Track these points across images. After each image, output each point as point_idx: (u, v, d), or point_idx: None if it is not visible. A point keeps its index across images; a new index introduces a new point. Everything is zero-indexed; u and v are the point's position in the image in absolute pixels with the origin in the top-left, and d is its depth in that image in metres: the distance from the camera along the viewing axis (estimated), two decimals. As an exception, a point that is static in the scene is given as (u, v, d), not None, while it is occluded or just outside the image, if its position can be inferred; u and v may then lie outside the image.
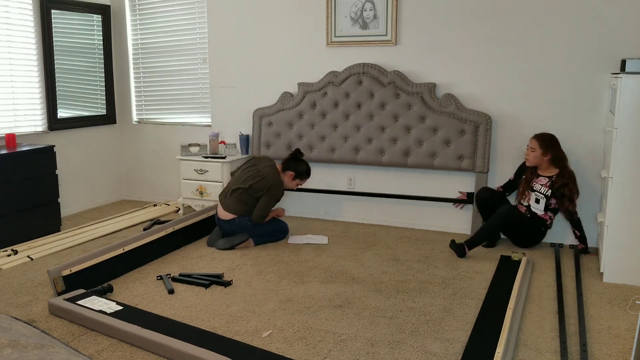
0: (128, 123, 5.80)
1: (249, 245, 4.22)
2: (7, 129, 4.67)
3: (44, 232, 4.56)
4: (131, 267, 3.74)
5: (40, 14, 4.88)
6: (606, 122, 4.00)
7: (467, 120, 4.34)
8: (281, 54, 4.98)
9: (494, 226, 3.96)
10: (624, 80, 3.30)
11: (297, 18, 4.86)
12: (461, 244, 3.94)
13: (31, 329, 1.76)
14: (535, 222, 4.00)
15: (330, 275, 3.62)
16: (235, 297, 3.27)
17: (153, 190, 5.80)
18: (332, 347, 2.67)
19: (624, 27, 3.91)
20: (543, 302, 3.19)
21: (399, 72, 4.50)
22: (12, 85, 4.71)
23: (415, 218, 4.73)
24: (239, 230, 4.21)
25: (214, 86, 5.31)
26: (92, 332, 2.84)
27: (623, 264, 3.45)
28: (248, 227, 4.21)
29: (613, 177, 3.41)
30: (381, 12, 4.56)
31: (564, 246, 4.24)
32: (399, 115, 4.53)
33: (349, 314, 3.05)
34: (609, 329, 2.86)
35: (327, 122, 4.78)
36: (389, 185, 4.77)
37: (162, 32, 5.48)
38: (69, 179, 5.26)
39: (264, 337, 2.78)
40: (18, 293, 3.38)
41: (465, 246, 3.94)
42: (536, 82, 4.21)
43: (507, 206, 3.96)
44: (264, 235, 4.26)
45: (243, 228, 4.21)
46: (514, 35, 4.21)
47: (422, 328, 2.87)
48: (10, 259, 3.94)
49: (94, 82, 5.55)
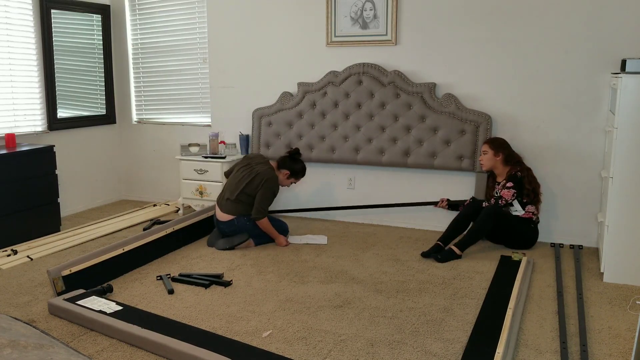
0: (128, 123, 5.80)
1: (249, 245, 4.22)
2: (7, 129, 4.67)
3: (43, 232, 4.56)
4: (131, 267, 3.74)
5: (40, 14, 4.88)
6: (606, 122, 4.00)
7: (467, 120, 4.34)
8: (281, 54, 4.98)
9: (483, 224, 3.90)
10: (624, 80, 3.30)
11: (297, 18, 4.86)
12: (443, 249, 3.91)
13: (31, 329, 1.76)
14: (522, 220, 4.01)
15: (330, 275, 3.62)
16: (235, 297, 3.27)
17: (153, 190, 5.80)
18: (332, 347, 2.67)
19: (624, 27, 3.91)
20: (543, 302, 3.19)
21: (399, 72, 4.50)
22: (12, 85, 4.71)
23: (415, 218, 4.73)
24: (239, 230, 4.21)
25: (214, 86, 5.30)
26: (92, 332, 2.84)
27: (623, 264, 3.45)
28: (248, 227, 4.21)
29: (613, 177, 3.41)
30: (381, 12, 4.56)
31: (564, 246, 4.24)
32: (399, 115, 4.53)
33: (349, 314, 3.04)
34: (609, 329, 2.86)
35: (327, 122, 4.78)
36: (389, 185, 4.76)
37: (162, 32, 5.48)
38: (68, 179, 5.26)
39: (264, 337, 2.78)
40: (18, 293, 3.38)
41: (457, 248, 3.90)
42: (536, 82, 4.21)
43: (489, 206, 3.95)
44: (263, 235, 4.25)
45: (242, 228, 4.21)
46: (514, 35, 4.21)
47: (422, 328, 2.87)
48: (10, 259, 3.94)
49: (94, 82, 5.55)
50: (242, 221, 4.19)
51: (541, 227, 4.25)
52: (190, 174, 5.06)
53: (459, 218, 4.06)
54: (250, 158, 4.36)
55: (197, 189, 5.04)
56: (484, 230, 3.94)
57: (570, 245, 4.21)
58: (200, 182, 5.02)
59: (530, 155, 4.26)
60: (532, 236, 4.08)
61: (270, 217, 4.35)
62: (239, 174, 4.25)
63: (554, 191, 4.25)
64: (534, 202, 4.01)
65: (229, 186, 4.26)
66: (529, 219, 4.02)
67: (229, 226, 4.20)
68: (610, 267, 3.48)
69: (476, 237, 3.93)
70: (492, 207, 3.92)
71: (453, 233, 4.03)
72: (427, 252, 3.95)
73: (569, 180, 4.20)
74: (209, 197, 5.00)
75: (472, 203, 4.15)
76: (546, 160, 4.23)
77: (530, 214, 4.01)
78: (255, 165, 4.24)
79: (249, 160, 4.32)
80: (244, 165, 4.28)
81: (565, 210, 4.24)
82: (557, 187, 4.23)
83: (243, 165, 4.29)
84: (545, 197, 4.25)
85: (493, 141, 4.07)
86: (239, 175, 4.23)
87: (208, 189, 5.00)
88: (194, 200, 5.09)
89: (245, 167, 4.27)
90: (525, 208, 4.00)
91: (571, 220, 4.23)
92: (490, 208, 3.92)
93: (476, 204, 4.11)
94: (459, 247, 3.90)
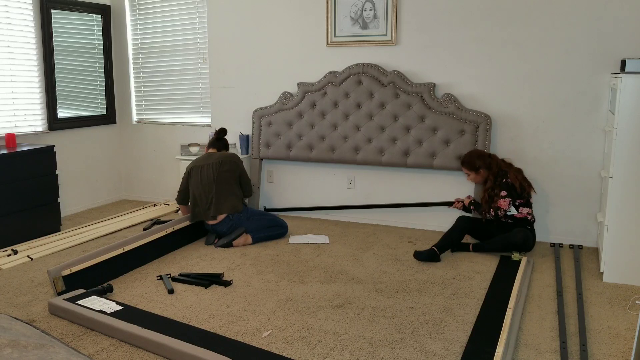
0: (128, 123, 5.80)
1: (247, 240, 4.23)
2: (7, 129, 4.67)
3: (44, 232, 4.56)
4: (131, 267, 3.74)
5: (40, 14, 4.88)
6: (606, 122, 4.00)
7: (466, 120, 4.34)
8: (281, 54, 4.98)
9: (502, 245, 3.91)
10: (624, 80, 3.30)
11: (297, 18, 4.87)
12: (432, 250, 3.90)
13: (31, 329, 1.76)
14: (517, 222, 3.96)
15: (330, 275, 3.62)
16: (235, 297, 3.27)
17: (153, 190, 5.80)
18: (332, 347, 2.67)
19: (624, 27, 3.91)
20: (543, 302, 3.19)
21: (398, 72, 4.50)
22: (12, 85, 4.71)
23: (415, 218, 4.73)
24: (236, 225, 4.23)
25: (214, 86, 5.31)
26: (92, 332, 2.84)
27: (623, 264, 3.45)
28: (243, 222, 4.24)
29: (613, 177, 3.41)
30: (381, 12, 4.56)
31: (563, 246, 4.24)
32: (398, 115, 4.54)
33: (349, 314, 3.05)
34: (609, 329, 2.86)
35: (327, 122, 4.78)
36: (388, 185, 4.77)
37: (162, 32, 5.48)
38: (69, 179, 5.26)
39: (264, 337, 2.78)
40: (18, 293, 3.38)
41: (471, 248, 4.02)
42: (536, 82, 4.21)
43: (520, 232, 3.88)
44: (260, 229, 4.27)
45: (238, 223, 4.23)
46: (514, 35, 4.21)
47: (422, 328, 2.87)
48: (10, 259, 3.94)
49: (94, 82, 5.55)
50: (236, 216, 4.23)
51: (541, 226, 4.25)
52: (190, 174, 5.06)
53: (455, 230, 4.03)
54: (194, 164, 4.33)
55: (197, 189, 5.04)
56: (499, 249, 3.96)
57: (570, 245, 4.21)
58: (200, 182, 5.02)
59: (529, 155, 4.26)
60: (529, 238, 3.97)
61: (271, 216, 4.37)
62: (203, 179, 4.23)
63: (553, 191, 4.25)
64: (526, 204, 3.97)
65: (201, 195, 4.22)
66: (524, 219, 3.96)
67: (226, 224, 4.21)
68: (610, 267, 3.49)
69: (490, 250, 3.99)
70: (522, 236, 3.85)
71: (447, 244, 3.99)
72: (422, 257, 3.90)
73: (569, 180, 4.20)
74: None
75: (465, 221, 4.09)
76: (546, 160, 4.23)
77: (525, 214, 3.96)
78: (207, 161, 4.27)
79: (196, 164, 4.31)
80: (199, 170, 4.26)
81: (565, 210, 4.24)
82: (557, 187, 4.23)
83: (197, 171, 4.27)
84: (545, 196, 4.25)
85: (465, 162, 4.07)
86: (203, 179, 4.22)
87: (208, 189, 4.99)
88: (194, 200, 5.08)
89: (202, 168, 4.25)
90: (519, 210, 3.96)
91: (571, 220, 4.24)
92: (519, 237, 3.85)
93: (472, 219, 4.10)
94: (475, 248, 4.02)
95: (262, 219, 4.34)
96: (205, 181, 4.23)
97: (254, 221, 4.27)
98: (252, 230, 4.25)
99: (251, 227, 4.25)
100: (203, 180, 4.23)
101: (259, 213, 4.40)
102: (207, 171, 4.23)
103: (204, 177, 4.23)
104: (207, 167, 4.25)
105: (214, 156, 4.31)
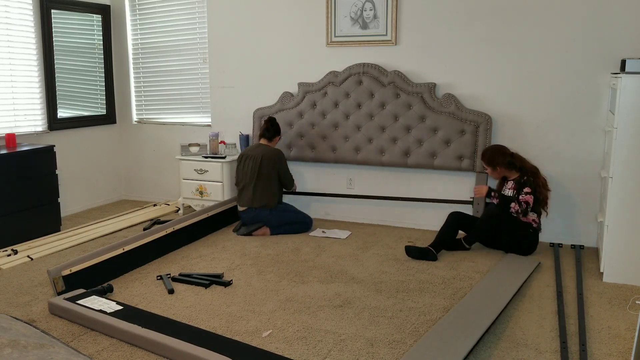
0: (128, 123, 5.80)
1: (265, 232, 4.45)
2: (7, 129, 4.67)
3: (44, 232, 4.56)
4: (131, 267, 3.74)
5: (40, 14, 4.88)
6: (606, 122, 4.00)
7: (467, 120, 4.34)
8: (281, 54, 4.98)
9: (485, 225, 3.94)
10: (624, 80, 3.30)
11: (297, 18, 4.86)
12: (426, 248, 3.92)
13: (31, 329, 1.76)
14: (521, 225, 3.91)
15: (330, 275, 3.62)
16: (235, 297, 3.27)
17: (153, 190, 5.80)
18: (332, 347, 2.67)
19: (624, 27, 3.91)
20: (543, 302, 3.19)
21: (399, 72, 4.50)
22: (12, 85, 4.71)
23: (415, 218, 4.73)
24: (257, 218, 4.44)
25: (214, 86, 5.31)
26: (92, 332, 2.84)
27: (623, 264, 3.45)
28: (266, 217, 4.44)
29: (613, 177, 3.41)
30: (381, 12, 4.56)
31: (563, 246, 4.24)
32: (399, 115, 4.54)
33: (349, 314, 3.05)
34: (609, 328, 2.86)
35: (328, 122, 4.78)
36: (389, 185, 4.76)
37: (162, 32, 5.48)
38: (69, 179, 5.26)
39: (264, 337, 2.78)
40: (18, 293, 3.38)
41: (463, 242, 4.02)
42: (536, 82, 4.21)
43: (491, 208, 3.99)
44: (281, 225, 4.47)
45: (260, 217, 4.43)
46: (514, 35, 4.21)
47: (422, 328, 2.87)
48: (10, 259, 3.94)
49: (94, 82, 5.55)
50: (259, 210, 4.43)
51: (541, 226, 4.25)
52: (190, 174, 5.06)
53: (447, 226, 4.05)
54: (243, 152, 4.58)
55: (197, 188, 5.05)
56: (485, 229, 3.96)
57: (571, 245, 4.21)
58: (200, 182, 5.02)
59: (530, 155, 4.25)
60: (530, 243, 3.94)
61: (293, 210, 4.59)
62: (246, 168, 4.47)
63: (553, 191, 4.24)
64: (537, 210, 3.94)
65: (244, 182, 4.49)
66: (528, 225, 3.91)
67: (248, 213, 4.45)
68: (610, 267, 3.49)
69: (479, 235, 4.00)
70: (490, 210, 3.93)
71: (442, 240, 4.00)
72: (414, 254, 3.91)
73: (569, 180, 4.20)
74: (209, 197, 5.00)
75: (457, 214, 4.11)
76: (546, 160, 4.23)
77: (530, 220, 3.92)
78: (253, 152, 4.48)
79: (245, 152, 4.55)
80: (245, 160, 4.50)
81: (565, 210, 4.24)
82: (557, 187, 4.23)
83: (244, 160, 4.51)
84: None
85: (485, 156, 4.04)
86: (247, 169, 4.46)
87: (208, 189, 5.00)
88: (194, 200, 5.09)
89: (247, 158, 4.48)
90: (525, 215, 3.93)
91: (571, 220, 4.24)
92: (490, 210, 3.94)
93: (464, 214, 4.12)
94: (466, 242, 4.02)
95: (284, 215, 4.50)
96: (247, 172, 4.47)
97: (276, 216, 4.46)
98: (274, 225, 4.46)
99: (273, 222, 4.45)
100: (246, 170, 4.48)
101: (282, 208, 4.56)
102: (250, 163, 4.46)
103: (247, 168, 4.48)
104: (251, 160, 4.46)
105: (259, 149, 4.49)
